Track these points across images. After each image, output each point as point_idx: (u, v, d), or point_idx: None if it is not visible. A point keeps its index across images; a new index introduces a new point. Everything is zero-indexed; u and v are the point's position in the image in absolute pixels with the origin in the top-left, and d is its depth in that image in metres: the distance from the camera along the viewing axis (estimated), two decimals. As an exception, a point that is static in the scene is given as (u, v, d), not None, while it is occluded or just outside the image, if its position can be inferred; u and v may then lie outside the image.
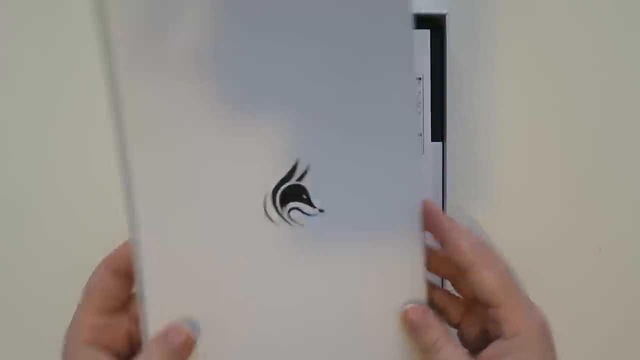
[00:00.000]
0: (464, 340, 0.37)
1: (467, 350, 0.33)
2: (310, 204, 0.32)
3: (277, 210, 0.32)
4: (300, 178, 0.32)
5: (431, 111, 0.44)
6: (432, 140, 0.44)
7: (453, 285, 0.37)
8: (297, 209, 0.33)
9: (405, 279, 0.34)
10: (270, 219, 0.32)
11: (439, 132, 0.44)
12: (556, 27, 0.47)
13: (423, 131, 0.43)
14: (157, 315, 0.32)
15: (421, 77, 0.43)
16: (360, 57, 0.32)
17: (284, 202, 0.32)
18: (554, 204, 0.47)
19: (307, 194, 0.33)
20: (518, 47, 0.47)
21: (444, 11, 0.42)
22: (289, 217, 0.33)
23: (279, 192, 0.32)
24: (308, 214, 0.33)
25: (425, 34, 0.43)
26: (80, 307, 0.32)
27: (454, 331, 0.37)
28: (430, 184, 0.44)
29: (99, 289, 0.32)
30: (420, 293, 0.34)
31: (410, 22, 0.32)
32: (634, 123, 0.47)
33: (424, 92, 0.43)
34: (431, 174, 0.44)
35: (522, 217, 0.47)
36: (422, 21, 0.43)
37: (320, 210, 0.33)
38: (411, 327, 0.33)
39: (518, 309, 0.32)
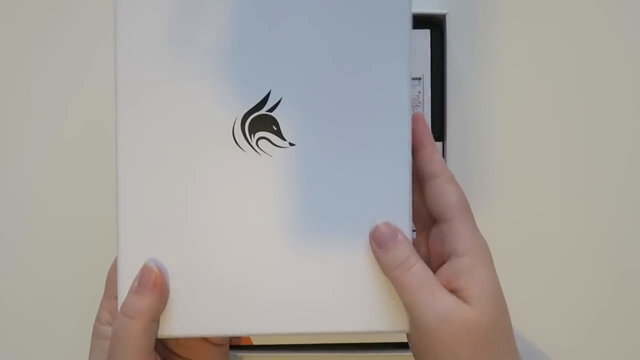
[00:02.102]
0: None
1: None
2: (280, 136, 0.33)
3: (245, 137, 0.33)
4: (272, 109, 0.33)
5: (431, 111, 0.44)
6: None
7: None
8: (266, 139, 0.33)
9: (386, 208, 0.33)
10: (239, 146, 0.33)
11: (439, 132, 0.44)
12: (556, 26, 0.47)
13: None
14: (129, 252, 0.33)
15: (421, 77, 0.43)
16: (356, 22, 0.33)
17: (252, 130, 0.33)
18: (554, 204, 0.47)
19: (277, 125, 0.33)
20: (518, 46, 0.47)
21: (444, 11, 0.42)
22: (257, 146, 0.33)
23: (249, 119, 0.33)
24: (278, 146, 0.33)
25: (425, 34, 0.43)
26: (103, 295, 0.37)
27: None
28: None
29: (112, 280, 0.36)
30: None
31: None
32: (635, 122, 0.47)
33: (424, 92, 0.43)
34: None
35: (522, 217, 0.47)
36: (422, 21, 0.43)
37: (291, 144, 0.33)
38: (379, 242, 0.32)
39: (470, 228, 0.33)
